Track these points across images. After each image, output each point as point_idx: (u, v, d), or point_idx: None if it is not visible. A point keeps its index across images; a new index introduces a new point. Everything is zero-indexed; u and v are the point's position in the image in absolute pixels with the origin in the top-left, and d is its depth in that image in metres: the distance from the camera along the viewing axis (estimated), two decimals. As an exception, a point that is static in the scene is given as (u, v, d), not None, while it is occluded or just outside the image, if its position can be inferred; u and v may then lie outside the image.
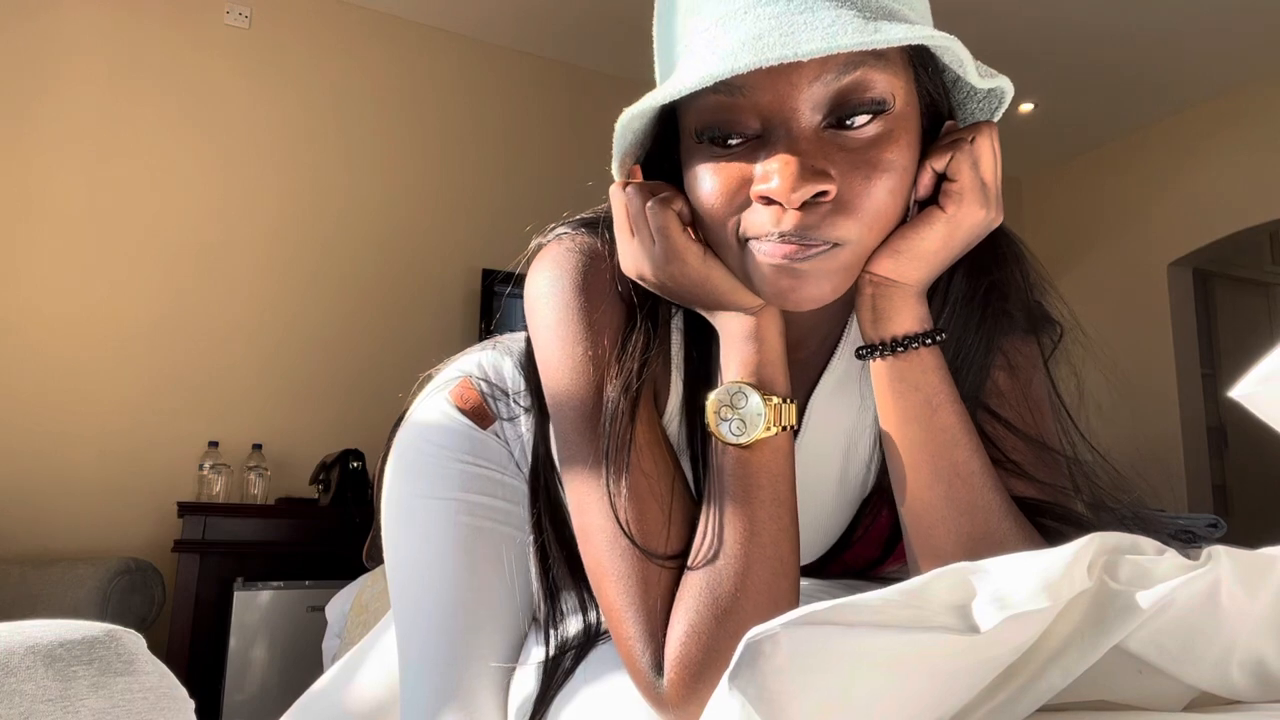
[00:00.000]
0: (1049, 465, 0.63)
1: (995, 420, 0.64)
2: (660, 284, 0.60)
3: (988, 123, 0.59)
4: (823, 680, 0.31)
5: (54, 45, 2.95)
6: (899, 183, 0.55)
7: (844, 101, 0.54)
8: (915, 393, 0.58)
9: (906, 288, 0.59)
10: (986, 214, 0.58)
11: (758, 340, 0.59)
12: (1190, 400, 3.98)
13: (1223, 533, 2.36)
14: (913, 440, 0.58)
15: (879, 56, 0.54)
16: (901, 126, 0.55)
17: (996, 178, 0.58)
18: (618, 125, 0.59)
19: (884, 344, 0.59)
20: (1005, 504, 0.58)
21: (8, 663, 0.44)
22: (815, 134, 0.54)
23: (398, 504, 0.78)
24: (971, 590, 0.35)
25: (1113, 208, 4.28)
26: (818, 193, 0.53)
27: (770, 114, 0.55)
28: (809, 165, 0.52)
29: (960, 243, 0.58)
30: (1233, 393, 0.47)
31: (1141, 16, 3.34)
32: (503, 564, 0.72)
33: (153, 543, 2.79)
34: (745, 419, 0.57)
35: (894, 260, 0.58)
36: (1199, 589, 0.38)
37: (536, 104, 3.70)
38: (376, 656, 0.90)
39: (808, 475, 0.70)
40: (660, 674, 0.54)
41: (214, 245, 3.09)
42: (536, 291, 0.66)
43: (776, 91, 0.54)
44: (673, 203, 0.59)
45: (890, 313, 0.59)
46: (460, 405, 0.77)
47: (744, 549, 0.55)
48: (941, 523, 0.57)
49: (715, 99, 0.56)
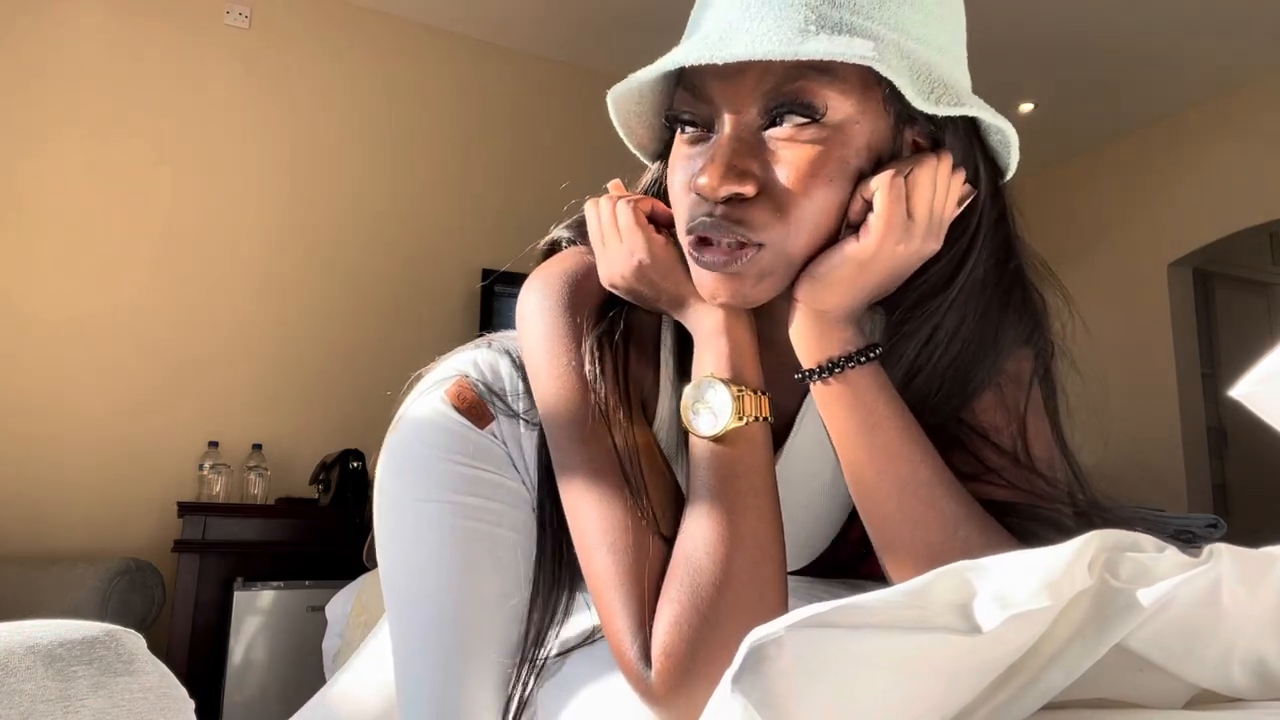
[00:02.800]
0: (1025, 473, 0.64)
1: (976, 436, 0.65)
2: (629, 286, 0.64)
3: (941, 152, 0.60)
4: (826, 682, 0.31)
5: (53, 45, 2.95)
6: (824, 196, 0.57)
7: (779, 107, 0.57)
8: (852, 414, 0.60)
9: (827, 314, 0.60)
10: (908, 247, 0.58)
11: (726, 335, 0.61)
12: (1190, 400, 3.98)
13: (1222, 533, 2.36)
14: (856, 459, 0.60)
15: (822, 71, 0.56)
16: (837, 140, 0.57)
17: (935, 209, 0.59)
18: (609, 104, 0.65)
19: (816, 368, 0.61)
20: (966, 511, 0.58)
21: (7, 663, 0.44)
22: (751, 135, 0.58)
23: (391, 506, 0.76)
24: (973, 589, 0.35)
25: (1113, 208, 4.28)
26: (735, 194, 0.56)
27: (719, 112, 0.59)
28: (733, 165, 0.56)
29: (881, 273, 0.59)
30: (1233, 392, 0.47)
31: (1141, 16, 3.34)
32: (500, 567, 0.71)
33: (153, 543, 2.79)
34: (715, 410, 0.59)
35: (811, 285, 0.60)
36: (1200, 587, 0.38)
37: (537, 104, 3.70)
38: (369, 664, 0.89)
39: (801, 479, 0.71)
40: (648, 665, 0.54)
41: (214, 245, 3.09)
42: (526, 310, 0.69)
43: (723, 92, 0.58)
44: (641, 204, 0.64)
45: (815, 337, 0.61)
46: (457, 404, 0.76)
47: (722, 537, 0.56)
48: (899, 535, 0.58)
49: (683, 94, 0.61)
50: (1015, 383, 0.66)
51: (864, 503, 0.60)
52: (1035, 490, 0.62)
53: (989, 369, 0.65)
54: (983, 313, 0.64)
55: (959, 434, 0.64)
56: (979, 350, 0.64)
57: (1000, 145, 0.63)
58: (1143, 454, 3.90)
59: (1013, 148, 0.62)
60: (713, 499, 0.57)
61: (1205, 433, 4.01)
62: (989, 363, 0.65)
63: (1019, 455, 0.64)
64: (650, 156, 0.72)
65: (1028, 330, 0.67)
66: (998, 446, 0.64)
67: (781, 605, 0.56)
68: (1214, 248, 3.95)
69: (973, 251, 0.63)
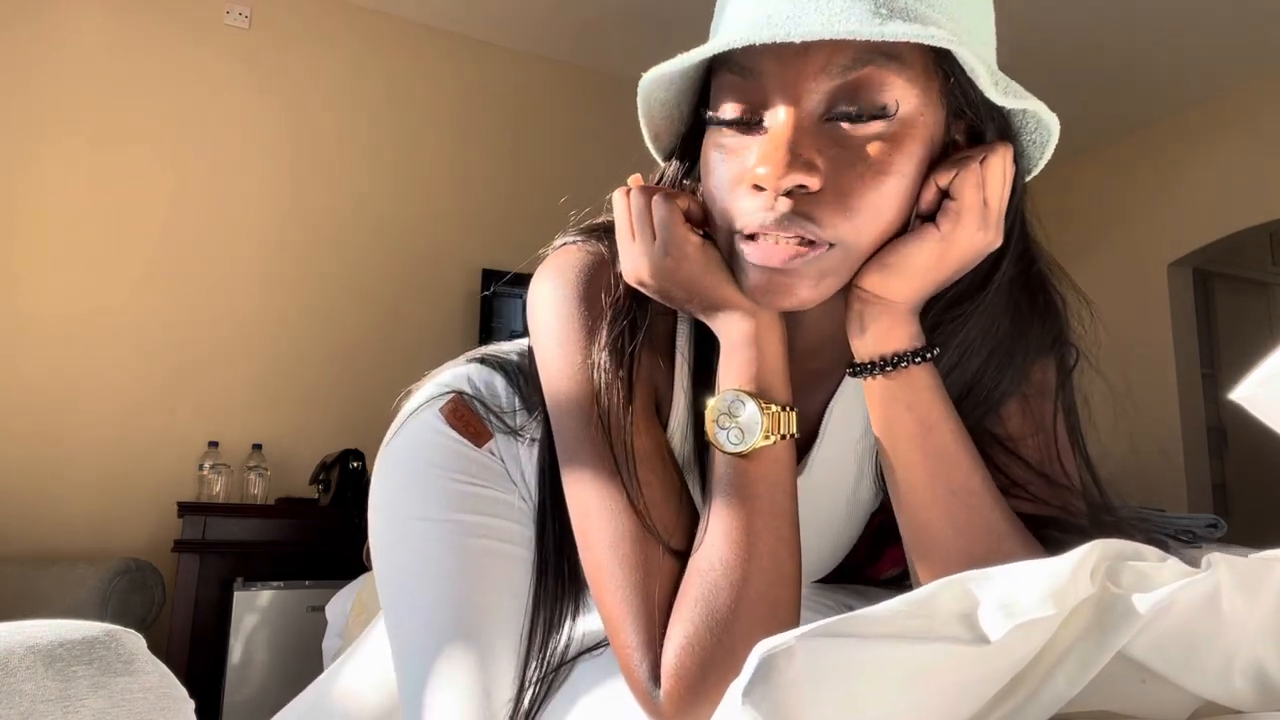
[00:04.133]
0: (1056, 489, 0.62)
1: (1002, 449, 0.63)
2: (659, 285, 0.59)
3: (1004, 143, 0.57)
4: (835, 693, 0.31)
5: (53, 46, 2.94)
6: (894, 189, 0.54)
7: (847, 96, 0.53)
8: (909, 413, 0.57)
9: (895, 305, 0.57)
10: (985, 236, 0.56)
11: (756, 346, 0.58)
12: (1190, 400, 3.98)
13: (1223, 533, 2.36)
14: (908, 461, 0.57)
15: (891, 57, 0.53)
16: (907, 132, 0.54)
17: (1002, 201, 0.57)
18: (639, 90, 0.59)
19: (874, 363, 0.58)
20: (1008, 522, 0.57)
21: (7, 663, 0.44)
22: (814, 125, 0.53)
23: (390, 526, 0.74)
24: (977, 599, 0.35)
25: (1113, 208, 4.28)
26: (799, 185, 0.52)
27: (774, 99, 0.54)
28: (798, 155, 0.52)
29: (955, 263, 0.56)
30: (1234, 395, 0.47)
31: (1141, 16, 3.34)
32: (509, 584, 0.68)
33: (153, 543, 2.78)
34: (743, 427, 0.56)
35: (882, 275, 0.56)
36: (1199, 593, 0.38)
37: (537, 105, 3.70)
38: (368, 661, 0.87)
39: (822, 488, 0.69)
40: (657, 685, 0.53)
41: (214, 245, 3.09)
42: (538, 299, 0.65)
43: (782, 77, 0.54)
44: (678, 199, 0.59)
45: (879, 330, 0.57)
46: (452, 422, 0.74)
47: (740, 560, 0.54)
48: (942, 543, 0.56)
49: (729, 79, 0.56)
50: (1040, 393, 0.65)
51: (909, 508, 0.58)
52: (1065, 505, 0.61)
53: (1015, 375, 0.63)
54: (1012, 316, 0.63)
55: (983, 444, 0.62)
56: (1007, 355, 0.63)
57: (1031, 145, 0.61)
58: (1143, 454, 3.89)
59: (1049, 148, 0.60)
60: (732, 517, 0.55)
61: (1205, 433, 4.01)
62: (1016, 368, 0.63)
63: (1048, 469, 0.63)
64: (663, 151, 0.67)
65: (1052, 336, 0.66)
66: (1023, 459, 0.63)
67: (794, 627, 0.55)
68: (1214, 248, 3.95)
69: (1007, 252, 0.61)
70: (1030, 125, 0.60)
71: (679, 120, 0.64)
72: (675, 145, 0.66)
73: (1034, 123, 0.59)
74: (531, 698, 0.64)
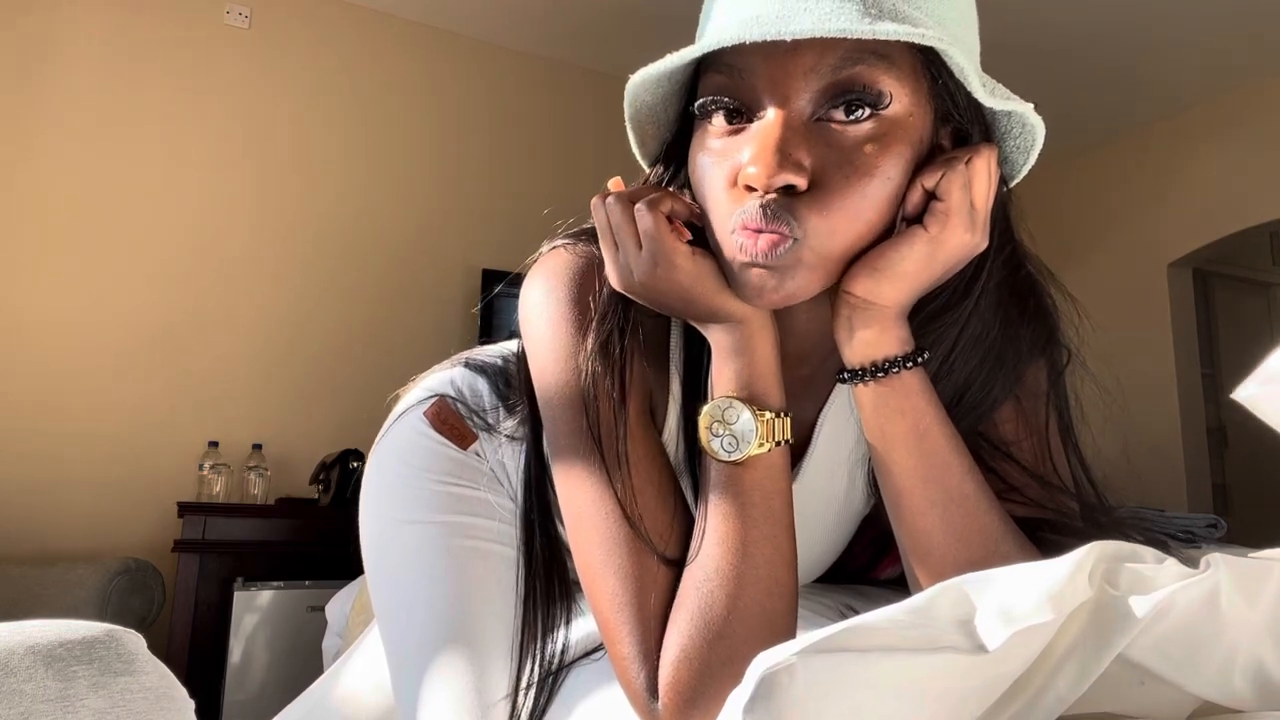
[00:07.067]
0: (1052, 491, 0.62)
1: (996, 452, 0.63)
2: (647, 293, 0.58)
3: (988, 144, 0.57)
4: (839, 708, 0.31)
5: (53, 45, 2.94)
6: (882, 190, 0.53)
7: (836, 95, 0.53)
8: (901, 418, 0.56)
9: (884, 309, 0.56)
10: (971, 238, 0.56)
11: (749, 352, 0.57)
12: (1190, 400, 3.98)
13: (1222, 533, 2.36)
14: (902, 466, 0.57)
15: (881, 57, 0.53)
16: (895, 133, 0.54)
17: (987, 202, 0.56)
18: (626, 93, 0.59)
19: (865, 369, 0.57)
20: (1004, 526, 0.56)
21: (8, 663, 0.44)
22: (803, 124, 0.53)
23: (379, 530, 0.74)
24: (974, 605, 0.35)
25: (1113, 208, 4.28)
26: (788, 185, 0.52)
27: (764, 99, 0.54)
28: (788, 155, 0.52)
29: (942, 265, 0.56)
30: (1235, 395, 0.47)
31: (1141, 16, 3.34)
32: (498, 583, 0.69)
33: (153, 543, 2.78)
34: (737, 435, 0.55)
35: (871, 279, 0.55)
36: (1198, 594, 0.38)
37: (537, 105, 3.70)
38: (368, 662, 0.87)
39: (815, 495, 0.69)
40: (655, 697, 0.52)
41: (214, 245, 3.09)
42: (528, 304, 0.65)
43: (771, 76, 0.54)
44: (661, 204, 0.57)
45: (869, 336, 0.57)
46: (436, 425, 0.74)
47: (736, 569, 0.53)
48: (938, 549, 0.56)
49: (718, 79, 0.56)
50: (1033, 396, 0.64)
51: (904, 513, 0.57)
52: (1060, 508, 0.61)
53: (1007, 379, 0.63)
54: (1002, 320, 0.62)
55: (978, 448, 0.61)
56: (998, 360, 0.62)
57: (1015, 150, 0.61)
58: (1142, 454, 3.90)
59: (1034, 152, 0.60)
60: (727, 526, 0.54)
61: (1205, 433, 4.01)
62: (1008, 373, 0.63)
63: (1044, 472, 0.62)
64: (649, 157, 0.67)
65: (1043, 339, 0.65)
66: (1017, 462, 0.62)
67: (791, 638, 0.55)
68: (1214, 248, 3.94)
69: (989, 256, 0.60)
70: (1015, 130, 0.59)
71: (665, 125, 0.64)
72: (660, 150, 0.66)
73: (1019, 127, 0.59)
74: (532, 705, 0.63)
